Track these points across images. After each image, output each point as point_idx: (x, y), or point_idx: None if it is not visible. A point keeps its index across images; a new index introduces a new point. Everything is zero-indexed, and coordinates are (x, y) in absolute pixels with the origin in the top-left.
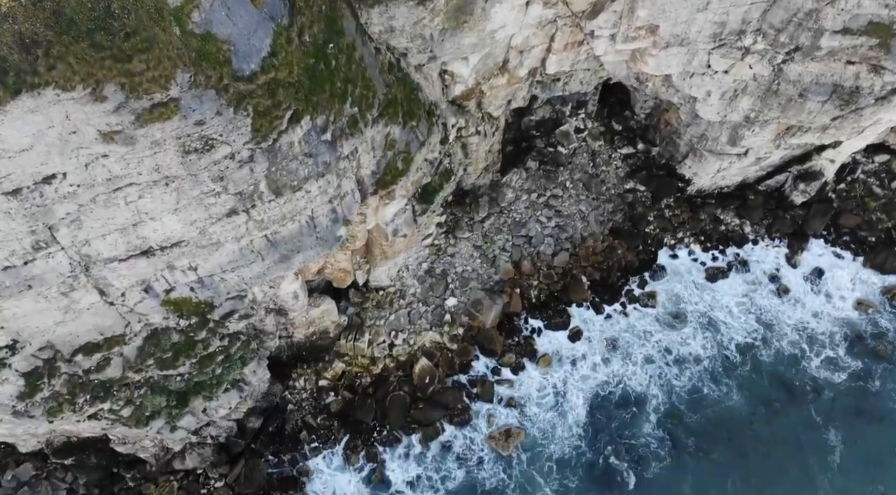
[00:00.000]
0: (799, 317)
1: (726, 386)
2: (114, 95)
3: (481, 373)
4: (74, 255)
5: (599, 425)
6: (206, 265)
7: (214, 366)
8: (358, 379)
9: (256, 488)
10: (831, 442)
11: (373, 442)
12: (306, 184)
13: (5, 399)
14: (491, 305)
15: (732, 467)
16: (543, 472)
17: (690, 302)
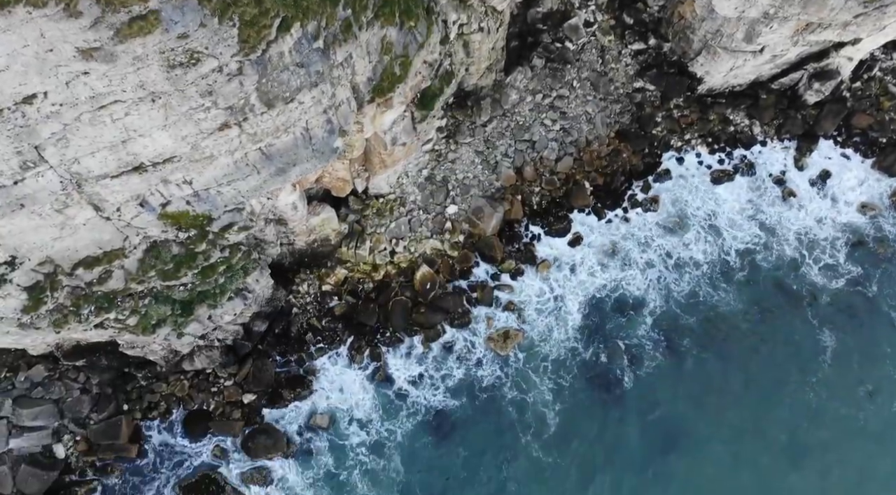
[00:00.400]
0: (802, 222)
1: (724, 291)
2: (89, 10)
3: (481, 279)
4: (64, 174)
5: (595, 327)
6: (200, 179)
7: (217, 276)
8: (360, 285)
9: (265, 386)
10: (824, 342)
11: (376, 343)
12: (299, 95)
13: (9, 313)
14: (492, 213)
15: (725, 368)
16: (539, 372)
17: (693, 206)
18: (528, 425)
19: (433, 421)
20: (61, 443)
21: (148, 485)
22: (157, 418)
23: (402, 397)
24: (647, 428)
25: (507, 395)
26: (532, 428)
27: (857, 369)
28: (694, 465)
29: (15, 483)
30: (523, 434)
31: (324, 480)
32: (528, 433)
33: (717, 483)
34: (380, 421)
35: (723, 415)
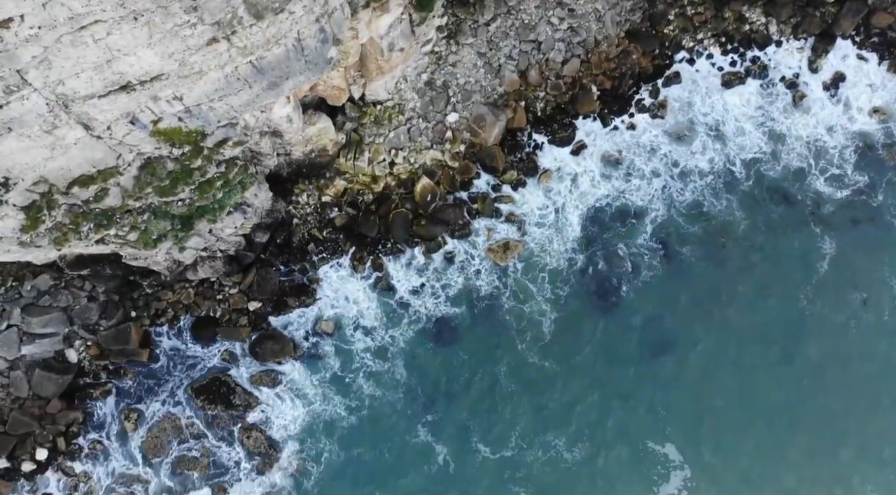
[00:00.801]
0: (812, 129)
1: (727, 200)
2: None
3: (482, 190)
4: (50, 96)
5: (595, 237)
6: (191, 95)
7: (214, 192)
8: (360, 196)
9: (270, 294)
10: (824, 250)
11: (378, 254)
12: (289, 5)
13: (8, 232)
14: (494, 122)
15: (722, 276)
16: (537, 282)
17: (701, 113)
18: (525, 332)
19: (434, 329)
20: (73, 348)
21: (161, 387)
22: (165, 324)
23: (403, 306)
24: (642, 334)
25: (506, 304)
26: (529, 334)
27: (853, 277)
28: (685, 368)
29: (31, 386)
30: (520, 340)
31: (330, 381)
32: (525, 339)
33: (707, 384)
34: (383, 328)
35: (716, 322)
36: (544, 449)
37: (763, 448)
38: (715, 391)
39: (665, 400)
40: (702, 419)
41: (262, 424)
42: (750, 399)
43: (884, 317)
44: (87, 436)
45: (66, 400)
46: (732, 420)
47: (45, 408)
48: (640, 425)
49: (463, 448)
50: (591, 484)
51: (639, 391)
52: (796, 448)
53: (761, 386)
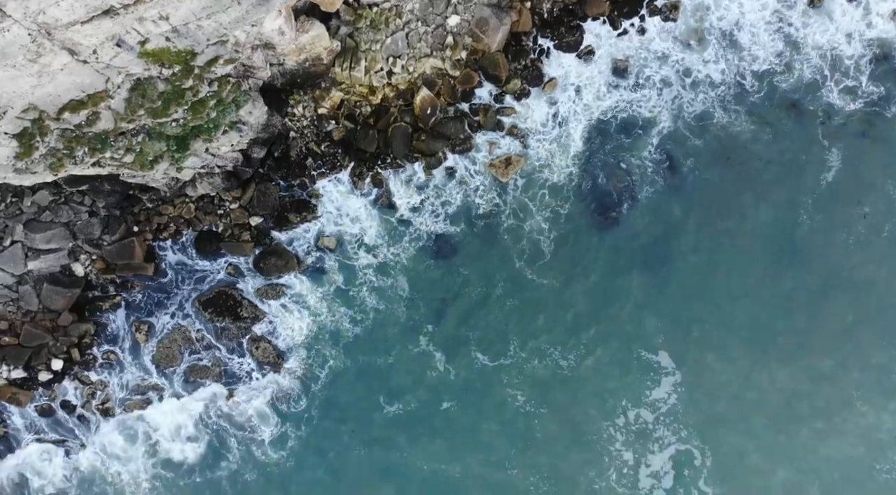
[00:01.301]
0: (827, 35)
1: (735, 112)
2: None
3: (484, 101)
4: (31, 25)
5: (598, 150)
6: (177, 14)
7: (208, 111)
8: (357, 109)
9: (271, 209)
10: (829, 162)
11: (377, 169)
12: None
13: (2, 160)
14: (498, 26)
15: (725, 189)
16: (538, 198)
17: (715, 17)
18: (524, 247)
19: (434, 246)
20: (79, 262)
21: (169, 300)
22: (169, 239)
23: (404, 223)
24: (641, 247)
25: (506, 221)
26: (528, 250)
27: (857, 190)
28: (682, 279)
29: (40, 300)
30: (519, 255)
31: (334, 295)
32: (524, 254)
33: (703, 295)
34: (385, 245)
35: (716, 234)
36: (540, 357)
37: (754, 356)
38: (710, 302)
39: (659, 310)
40: (695, 328)
41: (270, 335)
42: (744, 310)
43: (883, 233)
44: (100, 348)
45: (77, 312)
46: (726, 330)
47: (56, 321)
48: (635, 334)
49: (462, 356)
50: (586, 388)
51: (634, 302)
52: (786, 356)
53: (756, 298)
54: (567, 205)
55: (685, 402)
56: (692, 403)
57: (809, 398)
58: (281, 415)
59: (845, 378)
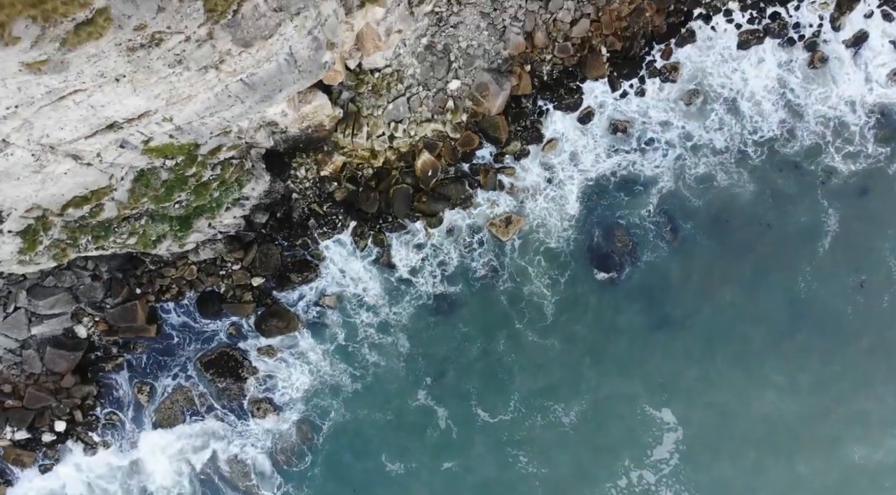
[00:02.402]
0: (829, 96)
1: (735, 173)
2: (26, 32)
3: (484, 161)
4: (35, 148)
5: (598, 209)
6: (181, 115)
7: (211, 192)
8: (359, 171)
9: (272, 270)
10: (828, 227)
11: (379, 229)
12: (280, 29)
13: (6, 256)
14: (498, 91)
15: (725, 252)
16: (539, 255)
17: (714, 77)
18: (526, 304)
19: (435, 304)
20: (81, 324)
21: (171, 361)
22: (171, 300)
23: (405, 282)
24: (642, 306)
25: (507, 278)
26: (529, 306)
27: (854, 256)
28: (683, 340)
29: (44, 363)
30: (521, 312)
31: (335, 352)
32: (525, 311)
33: (704, 356)
34: (385, 303)
35: (716, 298)
36: (542, 413)
37: (754, 416)
38: (711, 362)
39: (663, 368)
40: (698, 387)
41: (271, 393)
42: (744, 371)
43: (882, 303)
44: (103, 409)
45: (80, 374)
46: (727, 389)
47: (59, 383)
48: (637, 391)
49: (463, 412)
50: (588, 447)
51: (637, 360)
52: (786, 416)
53: (756, 361)
54: (567, 265)
55: (688, 463)
56: (695, 464)
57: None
58: (283, 474)
59: (845, 446)
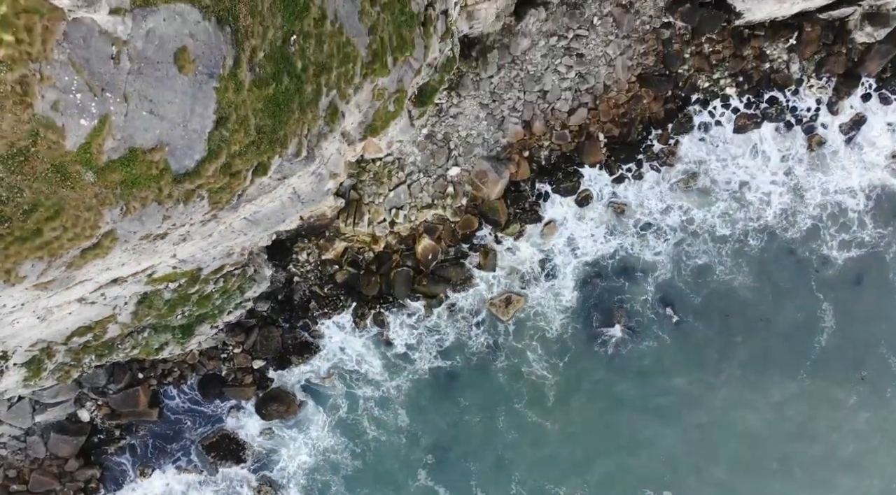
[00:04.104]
0: (827, 184)
1: (734, 262)
2: (32, 268)
3: (484, 242)
4: (41, 312)
5: (597, 292)
6: (184, 251)
7: (214, 301)
8: (360, 255)
9: (273, 352)
10: (827, 322)
11: (379, 309)
12: (284, 181)
13: (12, 384)
14: (497, 179)
15: (724, 343)
16: (538, 336)
17: (713, 162)
18: (524, 384)
19: (435, 381)
20: (85, 409)
21: (173, 444)
22: (173, 384)
23: (405, 359)
24: (639, 393)
25: (506, 357)
26: (528, 386)
27: (853, 352)
28: (682, 430)
29: (47, 448)
30: (519, 392)
31: (335, 429)
32: (523, 392)
33: (703, 444)
34: (385, 380)
35: (715, 389)
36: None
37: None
38: (711, 451)
39: (663, 452)
40: (699, 471)
41: (270, 471)
42: (743, 461)
43: (885, 394)
44: (106, 491)
45: (83, 457)
46: (726, 477)
47: (63, 467)
48: (638, 473)
49: (463, 492)
50: None
51: (637, 442)
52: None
53: (755, 453)
54: (566, 346)
55: None
56: None
57: None
58: None
59: None
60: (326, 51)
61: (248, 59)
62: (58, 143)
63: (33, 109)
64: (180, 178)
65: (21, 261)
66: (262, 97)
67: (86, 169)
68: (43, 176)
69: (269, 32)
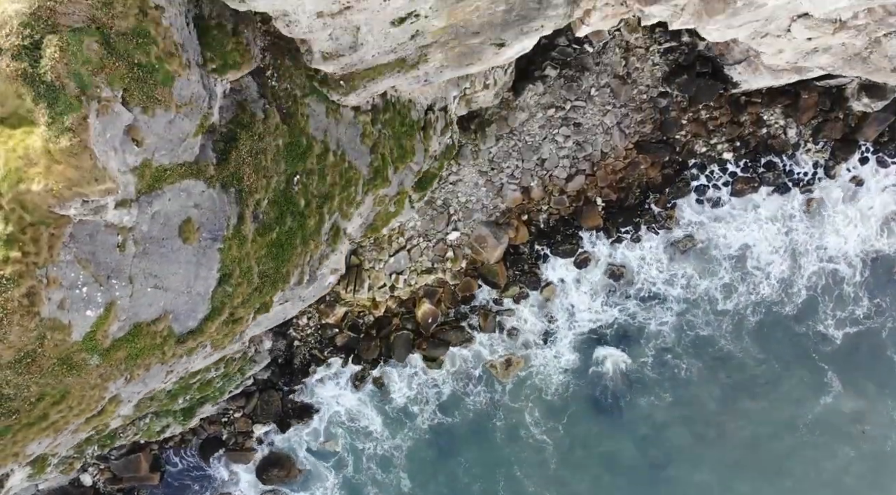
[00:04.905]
0: (826, 247)
1: (732, 327)
2: (39, 445)
3: (484, 304)
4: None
5: (595, 358)
6: (181, 368)
7: (215, 384)
8: (360, 319)
9: (274, 416)
10: (828, 384)
11: (380, 372)
12: (286, 302)
13: (16, 482)
14: (496, 244)
15: (724, 406)
16: (537, 397)
17: (710, 226)
18: (524, 445)
19: (436, 441)
20: (87, 473)
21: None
22: (174, 449)
23: (406, 419)
24: (640, 457)
25: (506, 422)
26: (528, 447)
27: (855, 409)
28: (685, 484)
29: None
30: (520, 453)
31: (337, 490)
32: (524, 452)
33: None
34: (386, 440)
35: (715, 451)
36: None
37: None
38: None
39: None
40: None
41: None
42: None
43: (885, 447)
44: None
45: None
46: None
47: None
48: None
49: None
50: None
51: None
52: None
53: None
54: (566, 409)
55: None
56: None
57: None
58: None
59: None
60: (329, 181)
61: (251, 211)
62: (64, 340)
63: (40, 315)
64: (183, 339)
65: (28, 442)
66: (265, 244)
67: (91, 354)
68: (49, 371)
69: (272, 181)
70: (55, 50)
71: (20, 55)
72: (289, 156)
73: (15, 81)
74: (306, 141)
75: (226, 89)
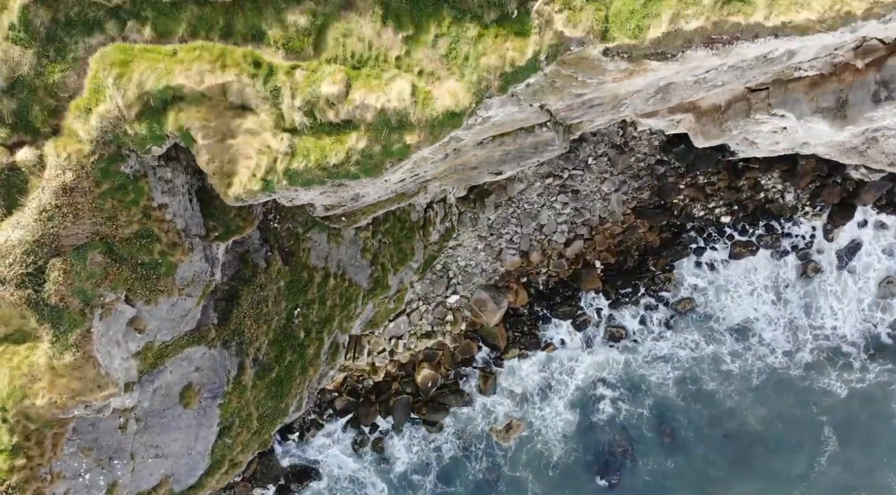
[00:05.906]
0: (824, 310)
1: (732, 388)
2: None
3: (484, 365)
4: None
5: (597, 418)
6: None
7: None
8: (360, 384)
9: (274, 480)
10: (827, 446)
11: (379, 436)
12: None
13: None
14: (495, 308)
15: (723, 464)
16: (539, 460)
17: (709, 289)
18: None
19: None
20: None
21: None
22: None
23: (406, 481)
24: None
25: (508, 487)
26: None
27: (852, 474)
28: None
29: None
30: None
31: None
32: None
33: None
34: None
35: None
36: None
37: None
38: None
39: None
40: None
41: None
42: None
43: None
44: None
45: None
46: None
47: None
48: None
49: None
50: None
51: None
52: None
53: None
54: (567, 471)
55: None
56: None
57: None
58: None
59: None
60: (329, 304)
61: (251, 358)
62: None
63: None
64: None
65: None
66: (265, 385)
67: None
68: None
69: (272, 323)
70: (59, 274)
71: (23, 283)
72: (290, 294)
73: (19, 307)
74: (307, 275)
75: (228, 245)
